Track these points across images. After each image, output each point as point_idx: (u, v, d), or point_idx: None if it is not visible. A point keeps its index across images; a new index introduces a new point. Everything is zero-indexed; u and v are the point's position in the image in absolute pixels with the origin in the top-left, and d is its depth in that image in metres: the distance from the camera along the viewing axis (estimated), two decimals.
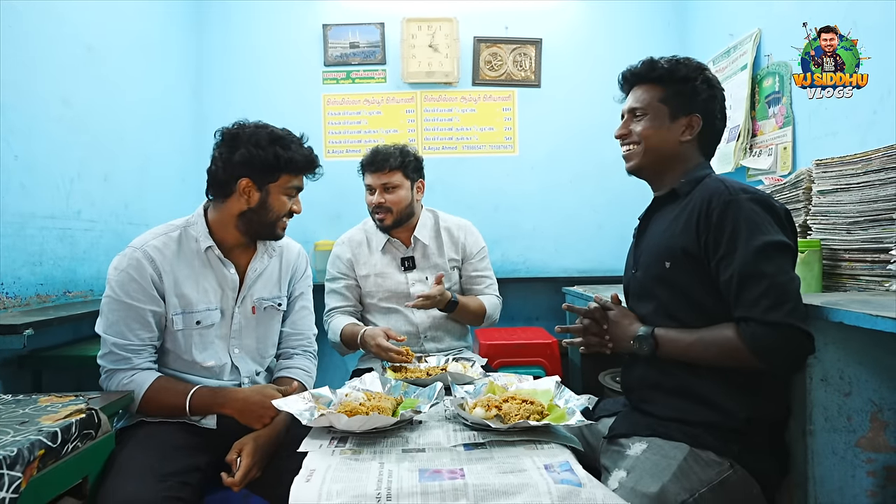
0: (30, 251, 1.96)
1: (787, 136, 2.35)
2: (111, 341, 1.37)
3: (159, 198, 2.85)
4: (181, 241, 1.46)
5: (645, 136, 1.33)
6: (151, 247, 1.41)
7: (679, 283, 1.24)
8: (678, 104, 1.31)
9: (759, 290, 1.10)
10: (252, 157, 1.38)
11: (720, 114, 1.34)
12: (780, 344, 1.09)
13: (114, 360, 1.38)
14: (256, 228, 1.47)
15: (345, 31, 3.38)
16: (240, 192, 1.41)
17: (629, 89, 1.39)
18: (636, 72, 1.36)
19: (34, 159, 1.98)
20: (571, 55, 3.42)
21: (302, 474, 1.01)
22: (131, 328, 1.38)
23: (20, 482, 0.94)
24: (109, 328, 1.38)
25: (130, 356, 1.38)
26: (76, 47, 2.25)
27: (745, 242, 1.12)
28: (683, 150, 1.33)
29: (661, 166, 1.35)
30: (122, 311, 1.37)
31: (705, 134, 1.34)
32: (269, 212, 1.45)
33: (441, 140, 3.42)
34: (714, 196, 1.18)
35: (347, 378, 1.79)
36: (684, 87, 1.30)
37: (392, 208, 1.98)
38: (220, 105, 3.35)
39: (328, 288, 2.08)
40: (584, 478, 1.00)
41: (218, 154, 1.43)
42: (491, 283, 2.12)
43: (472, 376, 1.60)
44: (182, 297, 1.43)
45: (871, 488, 1.18)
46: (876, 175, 1.50)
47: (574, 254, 3.44)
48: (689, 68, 1.31)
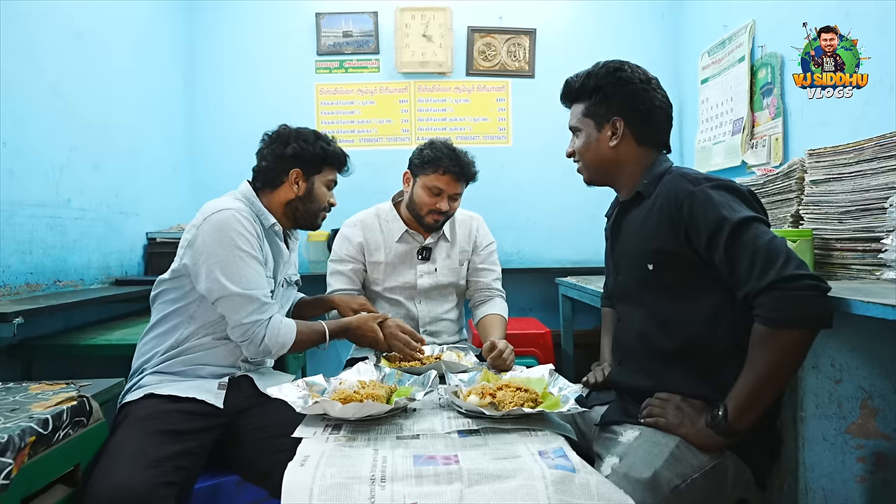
0: (19, 239, 1.94)
1: (778, 127, 2.36)
2: (253, 295, 1.43)
3: (150, 187, 2.83)
4: (252, 214, 1.55)
5: (580, 152, 1.38)
6: (245, 211, 1.51)
7: (665, 284, 1.24)
8: (599, 113, 1.34)
9: (748, 261, 1.08)
10: (302, 151, 1.59)
11: (644, 106, 1.31)
12: (790, 299, 1.03)
13: (263, 311, 1.45)
14: (301, 216, 1.64)
15: (338, 19, 3.35)
16: (290, 181, 1.60)
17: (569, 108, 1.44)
18: (562, 94, 1.43)
19: (23, 147, 1.96)
20: (565, 46, 3.41)
21: (296, 460, 1.01)
22: (262, 275, 1.48)
23: (11, 469, 0.93)
24: (251, 282, 1.43)
25: (272, 304, 1.48)
26: (65, 34, 2.22)
27: (720, 225, 1.12)
28: (620, 153, 1.33)
29: (608, 175, 1.38)
30: (254, 263, 1.46)
31: (641, 130, 1.32)
32: (314, 201, 1.63)
33: (435, 130, 3.41)
34: (679, 191, 1.19)
35: (342, 367, 1.79)
36: (598, 96, 1.33)
37: (449, 214, 1.97)
38: (211, 94, 3.32)
39: (332, 269, 2.02)
40: (578, 464, 1.01)
41: (269, 151, 1.60)
42: (497, 277, 2.09)
43: (466, 365, 1.61)
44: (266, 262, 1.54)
45: (861, 474, 1.19)
46: (868, 164, 1.51)
47: (567, 245, 3.45)
48: (598, 77, 1.33)
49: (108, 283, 2.42)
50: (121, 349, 1.89)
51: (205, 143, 3.34)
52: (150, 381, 1.44)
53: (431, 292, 2.01)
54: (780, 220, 1.79)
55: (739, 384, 1.09)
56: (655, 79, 1.35)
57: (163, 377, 1.45)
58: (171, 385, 1.42)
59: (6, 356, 1.82)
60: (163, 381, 1.44)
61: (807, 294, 1.03)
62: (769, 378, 1.07)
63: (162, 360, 1.47)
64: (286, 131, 1.62)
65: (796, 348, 1.06)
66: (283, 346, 1.48)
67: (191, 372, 1.47)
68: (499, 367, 1.61)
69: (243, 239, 1.44)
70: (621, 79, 1.31)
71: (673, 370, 1.24)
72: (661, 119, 1.34)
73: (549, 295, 3.30)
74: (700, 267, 1.19)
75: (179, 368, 1.47)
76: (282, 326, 1.48)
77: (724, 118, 2.80)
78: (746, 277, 1.08)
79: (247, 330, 1.43)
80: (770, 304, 1.04)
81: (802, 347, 1.06)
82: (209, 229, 1.44)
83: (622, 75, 1.31)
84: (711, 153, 2.92)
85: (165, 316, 1.50)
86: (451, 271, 2.03)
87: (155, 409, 1.35)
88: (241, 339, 1.44)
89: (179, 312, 1.49)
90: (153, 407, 1.36)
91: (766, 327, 1.06)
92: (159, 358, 1.47)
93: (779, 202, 1.82)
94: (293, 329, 1.50)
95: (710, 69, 2.95)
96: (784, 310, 1.03)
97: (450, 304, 2.05)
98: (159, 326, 1.51)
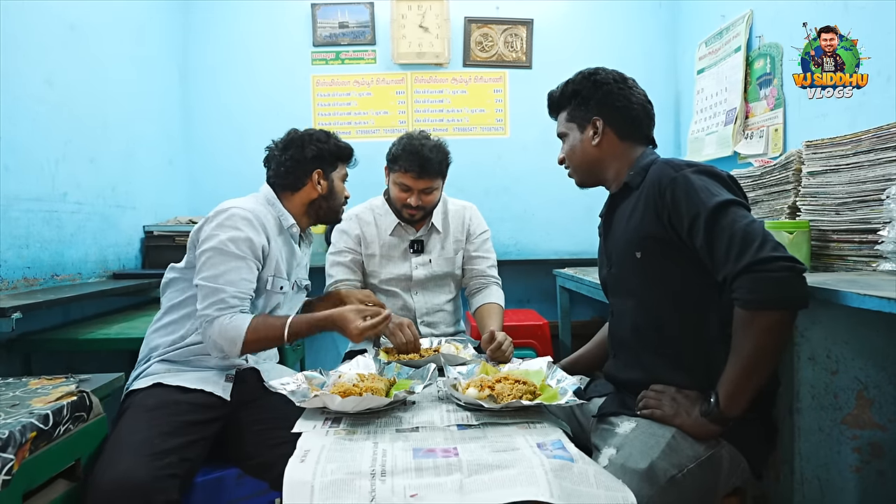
0: (15, 234, 1.94)
1: (778, 117, 2.36)
2: (224, 290, 1.42)
3: (147, 180, 2.82)
4: (268, 214, 1.59)
5: (568, 156, 1.45)
6: (260, 212, 1.54)
7: (652, 270, 1.25)
8: (580, 116, 1.40)
9: (725, 245, 1.10)
10: (322, 151, 1.63)
11: (620, 103, 1.36)
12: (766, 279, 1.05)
13: (220, 308, 1.42)
14: (325, 213, 1.69)
15: (333, 10, 3.33)
16: (314, 182, 1.64)
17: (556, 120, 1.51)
18: (548, 107, 1.51)
19: (18, 141, 1.95)
20: (563, 36, 3.40)
21: (296, 455, 1.01)
22: (241, 276, 1.46)
23: (12, 464, 0.93)
24: (219, 277, 1.43)
25: (237, 303, 1.45)
26: (59, 26, 2.20)
27: (701, 208, 1.14)
28: (604, 151, 1.38)
29: (596, 175, 1.43)
30: (233, 262, 1.45)
31: (620, 126, 1.37)
32: (336, 198, 1.70)
33: (432, 122, 3.39)
34: (662, 177, 1.22)
35: (340, 360, 1.80)
36: (577, 99, 1.40)
37: (426, 208, 1.96)
38: (207, 86, 3.30)
39: (333, 260, 2.02)
40: (577, 455, 1.01)
41: (287, 157, 1.62)
42: (492, 264, 2.08)
43: (464, 357, 1.61)
44: (276, 263, 1.57)
45: (856, 464, 1.20)
46: (865, 156, 1.51)
47: (565, 236, 3.45)
48: (574, 83, 1.41)
49: (105, 276, 2.42)
50: (119, 343, 1.89)
51: (201, 135, 3.32)
52: (157, 370, 1.46)
53: (427, 283, 2.02)
54: (776, 212, 1.80)
55: (727, 370, 1.12)
56: (632, 79, 1.42)
57: (170, 366, 1.48)
58: (179, 375, 1.44)
59: (5, 351, 1.82)
60: (170, 369, 1.46)
61: (782, 275, 1.04)
62: (754, 361, 1.09)
63: (170, 349, 1.49)
64: (298, 135, 1.65)
65: (776, 329, 1.07)
66: (233, 341, 1.40)
67: (198, 362, 1.50)
68: (498, 359, 1.61)
69: (236, 239, 1.45)
70: (596, 81, 1.39)
71: (666, 361, 1.25)
72: (640, 114, 1.38)
73: (547, 286, 3.30)
74: (685, 253, 1.20)
75: (187, 358, 1.49)
76: (232, 321, 1.41)
77: (718, 108, 2.80)
78: (724, 261, 1.10)
79: (202, 322, 1.43)
80: (747, 286, 1.06)
81: (782, 328, 1.08)
82: (209, 226, 1.47)
83: (596, 78, 1.39)
84: (704, 143, 2.92)
85: (174, 305, 1.53)
86: (447, 261, 2.03)
87: (162, 400, 1.36)
88: (199, 331, 1.45)
89: (188, 303, 1.51)
90: (160, 397, 1.37)
91: (745, 311, 1.08)
92: (167, 347, 1.49)
93: (776, 193, 1.83)
94: (243, 327, 1.40)
95: (707, 59, 2.94)
96: (761, 291, 1.05)
97: (446, 294, 2.05)
98: (169, 315, 1.53)
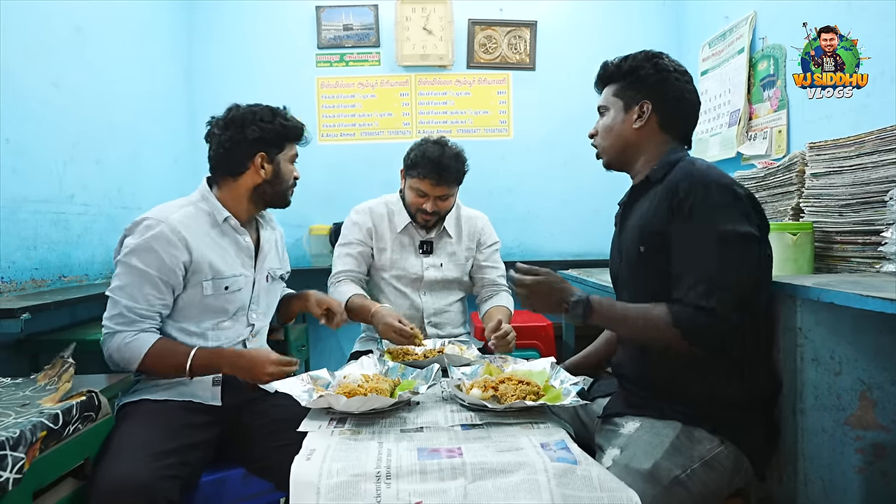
0: (23, 236, 1.95)
1: (781, 119, 2.36)
2: (123, 303, 1.38)
3: (152, 181, 2.83)
4: (198, 214, 1.51)
5: (603, 132, 1.41)
6: (175, 220, 1.44)
7: (653, 265, 1.25)
8: (629, 95, 1.36)
9: (697, 277, 1.12)
10: (264, 132, 1.49)
11: (674, 94, 1.33)
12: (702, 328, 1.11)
13: (120, 322, 1.39)
14: (271, 198, 1.57)
15: (338, 12, 3.34)
16: (255, 167, 1.51)
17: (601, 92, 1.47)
18: (598, 76, 1.44)
19: (25, 143, 1.96)
20: (566, 38, 3.40)
21: (302, 454, 1.02)
22: (144, 293, 1.39)
23: (23, 463, 0.95)
24: (121, 290, 1.39)
25: (137, 319, 1.39)
26: (65, 28, 2.22)
27: (702, 228, 1.14)
28: (642, 136, 1.35)
29: (625, 156, 1.39)
30: (136, 276, 1.39)
31: (666, 117, 1.34)
32: (282, 182, 1.56)
33: (436, 124, 3.40)
34: (683, 179, 1.21)
35: (345, 360, 1.81)
36: (632, 77, 1.36)
37: (441, 213, 1.96)
38: (212, 87, 3.31)
39: (340, 252, 2.02)
40: (580, 456, 1.02)
41: (226, 137, 1.50)
42: (501, 273, 2.10)
43: (468, 358, 1.62)
44: (211, 264, 1.46)
45: (860, 465, 1.20)
46: (868, 158, 1.51)
47: (569, 237, 3.46)
48: (636, 60, 1.36)
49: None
50: None
51: None
52: (143, 387, 1.44)
53: (436, 285, 2.03)
54: (780, 213, 1.80)
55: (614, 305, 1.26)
56: (690, 75, 1.38)
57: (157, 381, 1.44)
58: (166, 391, 1.42)
59: (13, 351, 1.84)
60: (158, 384, 1.43)
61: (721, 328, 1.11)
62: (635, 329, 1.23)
63: None
64: (239, 113, 1.52)
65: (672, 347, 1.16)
66: (128, 361, 1.36)
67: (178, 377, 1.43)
68: (501, 348, 1.62)
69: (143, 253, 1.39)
70: (658, 65, 1.35)
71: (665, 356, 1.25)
72: (688, 111, 1.37)
73: None
74: None
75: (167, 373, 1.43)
76: (134, 340, 1.36)
77: (722, 110, 2.80)
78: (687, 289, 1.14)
79: (104, 332, 1.40)
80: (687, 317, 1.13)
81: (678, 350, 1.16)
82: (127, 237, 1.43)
83: (659, 62, 1.35)
84: (707, 145, 2.91)
85: None
86: (457, 266, 2.05)
87: (156, 407, 1.36)
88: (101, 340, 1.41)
89: None
90: (153, 406, 1.37)
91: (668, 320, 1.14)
92: None
93: (779, 195, 1.83)
94: (142, 350, 1.36)
95: (710, 61, 2.94)
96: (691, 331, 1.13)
97: (454, 297, 2.07)
98: None
